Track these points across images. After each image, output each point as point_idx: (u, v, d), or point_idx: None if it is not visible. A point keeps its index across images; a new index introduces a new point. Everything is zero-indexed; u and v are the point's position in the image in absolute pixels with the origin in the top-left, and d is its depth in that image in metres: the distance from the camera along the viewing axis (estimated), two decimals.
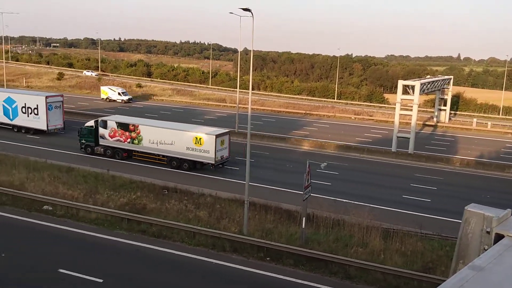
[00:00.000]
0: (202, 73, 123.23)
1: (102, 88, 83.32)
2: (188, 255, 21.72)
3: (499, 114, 79.89)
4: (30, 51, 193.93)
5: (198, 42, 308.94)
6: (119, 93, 79.84)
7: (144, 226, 24.60)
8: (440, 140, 58.13)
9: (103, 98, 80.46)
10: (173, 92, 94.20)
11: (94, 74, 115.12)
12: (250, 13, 23.29)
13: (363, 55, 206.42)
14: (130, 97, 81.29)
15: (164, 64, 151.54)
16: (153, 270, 20.04)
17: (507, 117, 77.93)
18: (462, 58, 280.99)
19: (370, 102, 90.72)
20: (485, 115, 77.83)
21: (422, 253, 22.41)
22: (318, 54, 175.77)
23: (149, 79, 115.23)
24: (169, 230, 24.02)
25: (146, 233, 23.94)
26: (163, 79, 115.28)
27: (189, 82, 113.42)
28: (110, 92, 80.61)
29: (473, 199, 17.17)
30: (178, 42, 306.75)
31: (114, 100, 79.15)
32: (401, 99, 49.52)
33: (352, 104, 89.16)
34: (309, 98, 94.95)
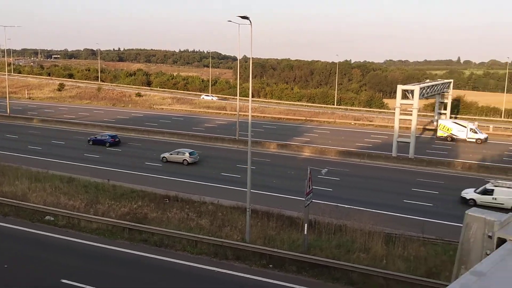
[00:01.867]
0: (202, 81, 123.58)
1: (442, 122, 61.31)
2: (191, 263, 21.66)
3: (501, 116, 79.89)
4: (32, 63, 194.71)
5: (197, 50, 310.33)
6: (471, 130, 58.86)
7: (145, 235, 24.55)
8: (441, 144, 58.06)
9: (440, 136, 60.06)
10: (173, 100, 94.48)
11: (215, 98, 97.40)
12: (248, 21, 23.40)
13: (361, 61, 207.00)
14: (486, 135, 59.75)
15: (164, 73, 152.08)
16: (155, 280, 19.96)
17: (510, 119, 77.92)
18: (462, 61, 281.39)
19: (370, 108, 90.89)
20: (486, 118, 77.85)
21: (426, 258, 22.31)
22: (317, 61, 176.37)
23: (149, 88, 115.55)
24: (171, 239, 23.97)
25: (147, 243, 23.89)
26: (162, 88, 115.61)
27: (189, 91, 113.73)
28: (455, 128, 59.28)
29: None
30: (177, 51, 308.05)
31: (462, 140, 58.33)
32: (401, 104, 49.59)
33: (351, 109, 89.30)
34: (309, 104, 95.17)
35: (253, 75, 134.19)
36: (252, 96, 32.32)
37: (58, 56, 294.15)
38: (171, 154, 45.13)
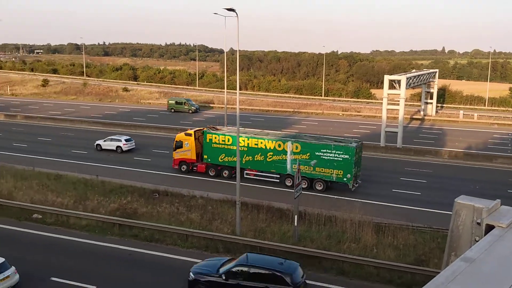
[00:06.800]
0: (189, 74, 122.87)
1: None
2: (182, 257, 21.63)
3: (484, 105, 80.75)
4: (13, 59, 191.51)
5: (184, 43, 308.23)
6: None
7: (136, 230, 24.45)
8: (428, 133, 58.58)
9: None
10: (160, 95, 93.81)
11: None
12: (234, 13, 23.24)
13: (348, 52, 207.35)
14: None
15: (150, 67, 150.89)
16: (147, 274, 19.92)
17: (493, 108, 78.83)
18: (446, 51, 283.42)
19: (357, 98, 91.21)
20: (471, 107, 78.66)
21: (415, 246, 22.56)
22: (304, 52, 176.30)
23: (136, 82, 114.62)
24: (161, 234, 23.90)
25: (138, 238, 23.80)
26: (149, 82, 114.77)
27: (176, 84, 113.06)
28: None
29: (462, 190, 17.28)
30: (163, 44, 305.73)
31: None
32: (388, 94, 49.79)
33: (339, 100, 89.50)
34: (297, 96, 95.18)
35: (240, 67, 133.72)
36: (240, 89, 32.20)
37: (41, 51, 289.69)
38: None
